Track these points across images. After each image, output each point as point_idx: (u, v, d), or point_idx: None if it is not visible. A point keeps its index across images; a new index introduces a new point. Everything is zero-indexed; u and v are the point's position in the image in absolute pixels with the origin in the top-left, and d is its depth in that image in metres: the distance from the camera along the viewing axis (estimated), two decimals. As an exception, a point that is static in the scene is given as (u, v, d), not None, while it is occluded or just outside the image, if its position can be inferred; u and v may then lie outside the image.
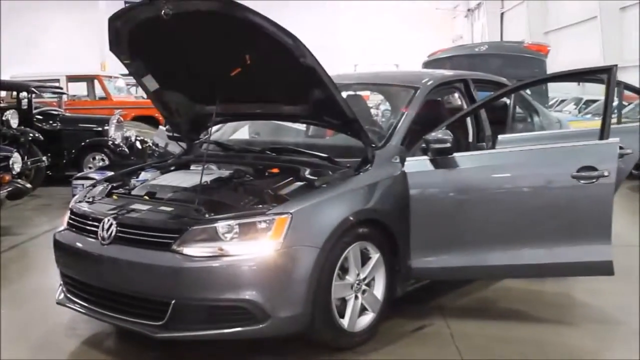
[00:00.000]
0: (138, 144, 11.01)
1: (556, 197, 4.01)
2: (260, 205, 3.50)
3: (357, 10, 36.40)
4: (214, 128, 5.05)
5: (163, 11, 3.57)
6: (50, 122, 10.94)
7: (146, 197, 3.86)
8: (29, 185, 7.30)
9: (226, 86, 4.01)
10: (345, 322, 3.65)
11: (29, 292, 5.02)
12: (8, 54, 24.23)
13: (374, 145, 4.04)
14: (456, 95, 5.13)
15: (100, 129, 10.78)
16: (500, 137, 4.37)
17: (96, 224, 3.68)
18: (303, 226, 3.43)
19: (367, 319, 3.80)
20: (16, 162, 7.19)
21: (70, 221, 3.95)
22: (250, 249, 3.32)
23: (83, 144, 10.64)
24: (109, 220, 3.60)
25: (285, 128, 5.28)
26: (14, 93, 11.13)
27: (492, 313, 4.45)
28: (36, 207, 8.73)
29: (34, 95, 10.69)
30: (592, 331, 4.13)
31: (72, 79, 15.28)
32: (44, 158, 9.69)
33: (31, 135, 9.83)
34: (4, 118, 9.35)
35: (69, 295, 3.85)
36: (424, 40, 30.72)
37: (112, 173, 7.83)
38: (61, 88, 12.75)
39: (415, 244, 4.00)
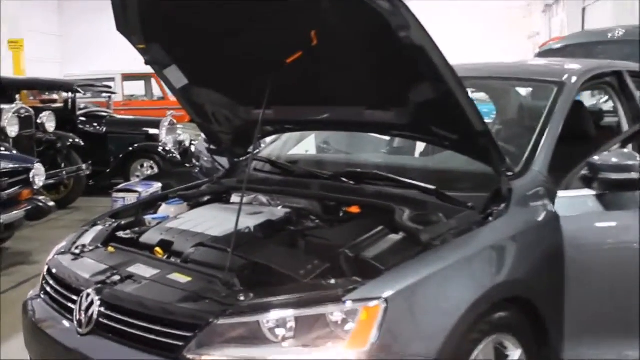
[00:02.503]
0: (193, 150, 9.91)
1: None
2: (333, 281, 2.08)
3: (426, 10, 34.87)
4: (268, 139, 3.72)
5: None
6: (95, 124, 9.85)
7: (158, 250, 2.52)
8: (51, 204, 6.08)
9: (282, 80, 2.58)
10: None
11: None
12: (70, 53, 23.72)
13: (510, 174, 2.58)
14: None
15: (151, 132, 9.68)
16: None
17: (74, 297, 2.35)
18: (406, 321, 2.01)
19: None
20: (38, 174, 5.98)
21: (45, 285, 2.63)
22: (315, 362, 1.92)
23: (131, 149, 9.55)
24: (89, 295, 2.25)
25: (367, 136, 3.85)
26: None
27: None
28: (70, 224, 7.53)
29: (77, 95, 9.66)
30: None
31: (128, 77, 14.25)
32: (84, 166, 8.58)
33: (70, 140, 8.72)
34: (38, 121, 8.22)
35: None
36: (497, 38, 29.11)
37: (159, 184, 6.84)
38: (110, 87, 11.67)
39: (572, 328, 2.56)
